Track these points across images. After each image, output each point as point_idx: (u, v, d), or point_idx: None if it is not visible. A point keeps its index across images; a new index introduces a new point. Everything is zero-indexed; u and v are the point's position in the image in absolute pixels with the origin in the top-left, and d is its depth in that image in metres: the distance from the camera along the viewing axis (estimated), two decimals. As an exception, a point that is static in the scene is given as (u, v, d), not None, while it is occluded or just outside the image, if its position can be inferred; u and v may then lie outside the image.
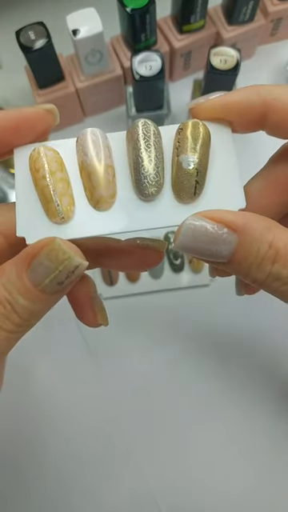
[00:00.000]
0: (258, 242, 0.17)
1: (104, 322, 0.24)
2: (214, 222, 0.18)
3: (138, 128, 0.20)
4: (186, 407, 0.44)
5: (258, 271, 0.18)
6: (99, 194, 0.20)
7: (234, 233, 0.17)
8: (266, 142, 0.23)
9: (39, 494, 0.42)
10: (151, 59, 0.42)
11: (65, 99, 0.48)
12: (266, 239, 0.17)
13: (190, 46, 0.50)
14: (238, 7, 0.46)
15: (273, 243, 0.17)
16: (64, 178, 0.20)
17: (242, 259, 0.18)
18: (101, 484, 0.42)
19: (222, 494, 0.41)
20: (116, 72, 0.48)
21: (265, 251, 0.17)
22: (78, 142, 0.20)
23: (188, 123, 0.20)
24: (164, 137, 0.20)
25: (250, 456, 0.42)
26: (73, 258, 0.17)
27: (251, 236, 0.17)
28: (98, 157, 0.20)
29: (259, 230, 0.17)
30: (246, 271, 0.18)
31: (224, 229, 0.18)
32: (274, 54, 0.56)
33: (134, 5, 0.42)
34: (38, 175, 0.19)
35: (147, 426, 0.43)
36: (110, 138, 0.21)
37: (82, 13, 0.42)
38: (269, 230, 0.17)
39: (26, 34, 0.41)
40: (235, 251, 0.18)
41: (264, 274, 0.18)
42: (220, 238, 0.18)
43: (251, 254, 0.17)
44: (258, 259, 0.17)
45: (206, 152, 0.20)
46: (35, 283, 0.17)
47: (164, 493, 0.41)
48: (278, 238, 0.17)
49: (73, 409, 0.44)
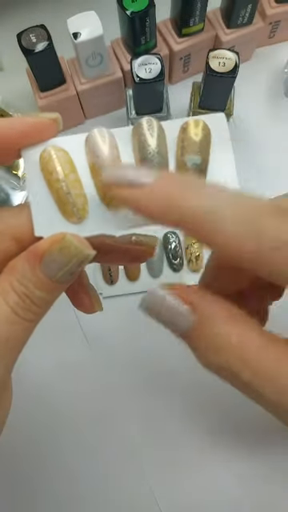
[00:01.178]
0: (214, 329, 0.18)
1: (99, 308, 0.25)
2: (176, 297, 0.19)
3: (143, 126, 0.21)
4: (186, 406, 0.44)
5: (207, 357, 0.18)
6: (111, 194, 0.20)
7: (192, 313, 0.18)
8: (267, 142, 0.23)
9: (37, 493, 0.42)
10: (151, 62, 0.42)
11: (66, 102, 0.49)
12: (222, 329, 0.18)
13: (189, 48, 0.50)
14: (236, 10, 0.47)
15: (228, 335, 0.18)
16: (77, 179, 0.21)
17: (195, 339, 0.19)
18: (100, 484, 0.42)
19: (221, 494, 0.41)
20: (116, 75, 0.49)
21: (218, 341, 0.18)
22: (88, 143, 0.21)
23: (190, 123, 0.21)
24: (167, 132, 0.21)
25: (250, 456, 0.42)
26: (83, 251, 0.19)
27: (208, 321, 0.18)
28: (108, 158, 0.20)
29: (218, 318, 0.18)
30: (197, 352, 0.19)
31: (184, 306, 0.19)
32: (272, 56, 0.56)
33: (134, 8, 0.42)
34: (51, 178, 0.20)
35: (147, 425, 0.43)
36: (115, 134, 0.21)
37: (82, 16, 0.43)
38: (228, 320, 0.18)
39: (27, 37, 0.42)
40: (191, 329, 0.19)
41: (213, 362, 0.18)
42: (178, 313, 0.19)
43: (204, 339, 0.18)
44: (209, 346, 0.18)
45: (207, 150, 0.21)
46: (49, 276, 0.19)
47: (164, 493, 0.42)
48: (236, 332, 0.18)
49: (72, 408, 0.44)
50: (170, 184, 0.18)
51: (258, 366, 0.17)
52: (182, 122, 0.21)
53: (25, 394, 0.44)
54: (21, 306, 0.19)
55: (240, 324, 0.18)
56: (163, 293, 0.19)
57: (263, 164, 0.51)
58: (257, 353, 0.17)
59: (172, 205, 0.17)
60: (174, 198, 0.17)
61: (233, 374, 0.18)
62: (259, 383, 0.17)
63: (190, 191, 0.17)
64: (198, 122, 0.21)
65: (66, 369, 0.45)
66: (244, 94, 0.53)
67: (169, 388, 0.45)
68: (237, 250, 0.17)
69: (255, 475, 0.42)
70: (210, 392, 0.44)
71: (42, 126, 0.20)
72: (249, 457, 0.42)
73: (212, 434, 0.43)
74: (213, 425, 0.43)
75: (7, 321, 0.19)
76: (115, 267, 0.47)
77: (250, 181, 0.25)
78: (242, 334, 0.18)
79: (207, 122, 0.21)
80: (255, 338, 0.18)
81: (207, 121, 0.21)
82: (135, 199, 0.18)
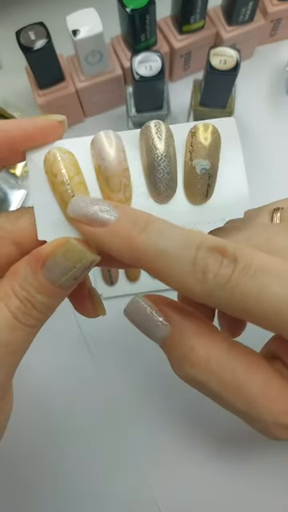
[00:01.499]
0: (184, 341, 0.19)
1: (102, 313, 0.25)
2: (154, 308, 0.20)
3: (151, 129, 0.20)
4: (186, 406, 0.44)
5: (180, 367, 0.19)
6: (117, 197, 0.20)
7: (167, 323, 0.20)
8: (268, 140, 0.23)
9: (38, 494, 0.42)
10: (151, 59, 0.42)
11: (65, 99, 0.48)
12: (190, 342, 0.19)
13: (189, 46, 0.50)
14: (237, 8, 0.46)
15: (195, 348, 0.19)
16: (82, 182, 0.20)
17: (169, 350, 0.20)
18: (100, 483, 0.42)
19: (222, 494, 0.41)
20: (116, 72, 0.48)
21: (186, 353, 0.19)
22: (94, 145, 0.21)
23: (200, 127, 0.21)
24: (175, 136, 0.21)
25: (250, 456, 0.42)
26: (89, 255, 0.18)
27: (180, 334, 0.19)
28: (114, 161, 0.20)
29: (189, 331, 0.19)
30: (171, 362, 0.20)
31: (160, 317, 0.20)
32: (273, 54, 0.56)
33: (134, 5, 0.42)
34: (56, 180, 0.20)
35: (147, 425, 0.43)
36: (122, 137, 0.21)
37: (82, 13, 0.42)
38: (198, 334, 0.19)
39: (26, 35, 0.41)
40: (166, 340, 0.20)
41: (184, 372, 0.19)
42: (155, 323, 0.20)
43: (177, 350, 0.19)
44: (181, 357, 0.19)
45: (216, 155, 0.21)
46: (52, 281, 0.18)
47: (164, 493, 0.41)
48: (202, 345, 0.19)
49: (72, 408, 0.44)
50: (129, 224, 0.18)
51: (226, 379, 0.18)
52: (191, 126, 0.21)
53: (25, 397, 0.44)
54: (22, 310, 0.19)
55: (209, 336, 0.19)
56: (142, 303, 0.20)
57: (264, 162, 0.51)
58: (225, 365, 0.18)
59: (128, 246, 0.18)
60: (130, 239, 0.18)
61: (203, 385, 0.19)
62: (228, 395, 0.18)
63: (144, 232, 0.18)
64: (208, 125, 0.21)
65: (66, 370, 0.45)
66: (245, 91, 0.52)
67: (170, 389, 0.44)
68: (185, 292, 0.18)
69: (255, 476, 0.42)
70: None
71: (48, 127, 0.20)
72: (249, 457, 0.42)
73: (212, 434, 0.43)
74: (213, 425, 0.43)
75: (8, 326, 0.18)
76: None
77: (251, 179, 0.24)
78: (211, 347, 0.19)
79: (217, 126, 0.21)
80: (223, 351, 0.19)
81: (217, 125, 0.21)
82: (95, 237, 0.19)
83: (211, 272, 0.17)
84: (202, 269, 0.17)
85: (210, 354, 0.18)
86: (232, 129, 0.21)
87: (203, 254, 0.17)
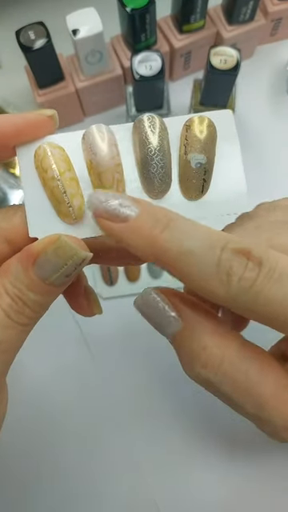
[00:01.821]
0: (196, 339, 0.18)
1: (98, 311, 0.25)
2: (166, 301, 0.19)
3: (144, 123, 0.20)
4: (186, 406, 0.44)
5: (190, 366, 0.19)
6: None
7: (179, 320, 0.19)
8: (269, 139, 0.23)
9: (36, 493, 0.42)
10: (151, 59, 0.42)
11: (65, 99, 0.48)
12: (202, 340, 0.18)
13: (190, 45, 0.50)
14: (237, 7, 0.46)
15: (208, 347, 0.18)
16: (73, 178, 0.20)
17: (179, 346, 0.19)
18: (99, 483, 0.42)
19: (221, 494, 0.41)
20: (116, 72, 0.48)
21: (198, 352, 0.18)
22: (85, 139, 0.20)
23: (195, 120, 0.20)
24: (170, 130, 0.20)
25: (250, 456, 0.42)
26: (80, 252, 0.18)
27: (192, 331, 0.19)
28: (106, 156, 0.20)
29: (201, 328, 0.18)
30: (181, 359, 0.19)
31: (172, 312, 0.19)
32: (273, 53, 0.55)
33: (134, 5, 0.42)
34: (46, 176, 0.19)
35: (147, 425, 0.43)
36: (115, 131, 0.20)
37: (81, 12, 0.42)
38: (210, 333, 0.18)
39: (25, 34, 0.41)
40: (176, 335, 0.19)
41: (194, 372, 0.19)
42: (166, 317, 0.19)
43: (187, 347, 0.19)
44: (191, 355, 0.18)
45: (212, 149, 0.20)
46: (43, 278, 0.18)
47: (163, 493, 0.41)
48: (215, 345, 0.18)
49: (71, 408, 0.44)
50: (151, 221, 0.18)
51: (240, 380, 0.18)
52: (186, 119, 0.20)
53: (25, 397, 0.44)
54: (14, 308, 0.18)
55: (222, 336, 0.18)
56: (154, 295, 0.19)
57: (265, 161, 0.51)
58: (239, 367, 0.18)
59: (150, 244, 0.18)
60: (152, 237, 0.17)
61: (215, 387, 0.18)
62: (239, 397, 0.18)
63: (167, 230, 0.17)
64: (203, 118, 0.20)
65: (66, 370, 0.45)
66: (246, 91, 0.52)
67: (169, 389, 0.44)
68: (208, 295, 0.17)
69: (255, 476, 0.41)
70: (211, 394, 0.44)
71: (38, 122, 0.20)
72: (249, 457, 0.42)
73: (212, 434, 0.43)
74: (212, 425, 0.43)
75: (0, 324, 0.18)
76: (115, 268, 0.47)
77: (251, 178, 0.24)
78: (224, 347, 0.18)
79: (213, 119, 0.20)
80: (236, 351, 0.18)
81: (213, 118, 0.20)
82: (115, 232, 0.18)
83: (236, 275, 0.17)
84: (226, 271, 0.17)
85: (223, 354, 0.18)
86: (229, 121, 0.21)
87: (228, 255, 0.17)
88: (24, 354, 0.28)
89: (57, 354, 0.45)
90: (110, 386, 0.44)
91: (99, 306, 0.25)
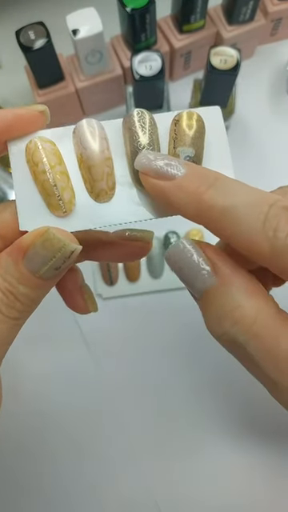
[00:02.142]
0: (231, 296, 0.18)
1: (94, 309, 0.25)
2: (202, 255, 0.18)
3: (133, 118, 0.20)
4: (186, 406, 0.44)
5: (218, 323, 0.18)
6: (100, 187, 0.20)
7: (213, 275, 0.18)
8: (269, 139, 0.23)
9: (37, 493, 0.42)
10: (151, 59, 0.42)
11: (65, 99, 0.48)
12: (239, 298, 0.17)
13: (190, 45, 0.50)
14: (238, 7, 0.46)
15: (243, 306, 0.17)
16: (63, 171, 0.20)
17: (210, 303, 0.18)
18: (100, 483, 0.42)
19: (221, 494, 0.41)
20: (116, 72, 0.48)
21: (232, 309, 0.17)
22: (76, 133, 0.20)
23: (183, 114, 0.21)
24: (159, 125, 0.21)
25: (250, 456, 0.42)
26: (68, 245, 0.18)
27: (227, 287, 0.18)
28: (96, 150, 0.20)
29: (237, 286, 0.18)
30: (209, 316, 0.18)
31: (207, 266, 0.18)
32: (273, 53, 0.55)
33: (134, 5, 0.42)
34: (37, 169, 0.20)
35: (147, 425, 0.43)
36: (106, 126, 0.21)
37: (81, 12, 0.42)
38: (247, 292, 0.18)
39: (25, 34, 0.41)
40: (208, 291, 0.18)
41: (222, 330, 0.18)
42: (200, 270, 0.18)
43: (219, 303, 0.18)
44: (223, 312, 0.18)
45: (201, 144, 0.20)
46: (33, 271, 0.18)
47: (163, 492, 0.41)
48: (251, 305, 0.17)
49: (72, 408, 0.44)
50: (197, 179, 0.18)
51: (268, 344, 0.17)
52: (175, 114, 0.21)
53: (25, 397, 0.44)
54: (5, 302, 0.18)
55: (258, 297, 0.18)
56: (189, 247, 0.18)
57: (265, 161, 0.51)
58: (271, 331, 0.17)
59: (195, 201, 0.17)
60: (198, 194, 0.17)
61: (238, 346, 0.18)
62: (264, 361, 0.17)
63: (213, 188, 0.17)
64: (192, 113, 0.20)
65: (66, 370, 0.45)
66: (246, 91, 0.52)
67: (170, 389, 0.44)
68: (251, 251, 0.17)
69: (255, 477, 0.41)
70: (211, 392, 0.44)
71: (29, 117, 0.20)
72: (249, 456, 0.42)
73: (212, 434, 0.43)
74: (213, 426, 0.43)
75: None
76: (115, 267, 0.47)
77: (252, 178, 0.24)
78: (260, 308, 0.17)
79: (202, 114, 0.21)
80: (271, 316, 0.17)
81: (202, 114, 0.21)
82: (162, 190, 0.18)
83: (283, 231, 0.16)
84: (273, 227, 0.16)
85: (257, 315, 0.17)
86: (217, 117, 0.21)
87: (276, 211, 0.16)
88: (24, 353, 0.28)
89: (57, 353, 0.45)
90: (109, 385, 0.44)
91: (95, 303, 0.25)
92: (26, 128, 0.20)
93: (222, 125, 0.21)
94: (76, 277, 0.24)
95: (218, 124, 0.21)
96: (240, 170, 0.22)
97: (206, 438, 0.43)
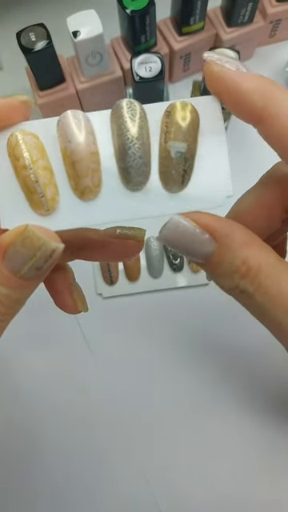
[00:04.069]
0: (233, 254, 0.18)
1: (83, 309, 0.24)
2: (197, 226, 0.18)
3: (122, 109, 0.19)
4: (185, 406, 0.44)
5: (227, 280, 0.18)
6: (84, 183, 0.19)
7: (213, 240, 0.18)
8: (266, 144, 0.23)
9: (37, 493, 0.42)
10: (151, 61, 0.42)
11: (65, 100, 0.48)
12: (241, 254, 0.18)
13: (189, 47, 0.50)
14: (237, 9, 0.47)
15: (246, 260, 0.18)
16: (47, 167, 0.19)
17: (216, 265, 0.18)
18: (100, 483, 0.42)
19: (221, 494, 0.41)
20: (116, 73, 0.48)
21: (237, 265, 0.18)
22: (60, 126, 0.19)
23: (176, 105, 0.19)
24: (150, 117, 0.19)
25: (250, 456, 0.42)
26: (49, 243, 0.17)
27: (228, 247, 0.18)
28: (82, 144, 0.18)
29: (237, 243, 0.18)
30: (217, 276, 0.19)
31: (206, 235, 0.18)
32: (272, 55, 0.56)
33: (134, 6, 0.42)
34: (18, 164, 0.18)
35: (147, 425, 0.43)
36: (92, 118, 0.19)
37: (82, 14, 0.43)
38: (247, 246, 0.18)
39: (26, 36, 0.41)
40: (211, 256, 0.18)
41: (232, 285, 0.18)
42: (199, 241, 0.18)
43: (224, 263, 0.18)
44: (229, 270, 0.18)
45: (194, 138, 0.19)
46: (14, 271, 0.17)
47: (164, 493, 0.41)
48: (253, 256, 0.18)
49: (72, 408, 0.44)
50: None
51: (273, 290, 0.18)
52: (168, 105, 0.19)
53: (25, 397, 0.44)
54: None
55: (257, 248, 0.18)
56: (185, 222, 0.18)
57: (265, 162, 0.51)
58: (274, 276, 0.18)
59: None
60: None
61: (248, 296, 0.18)
62: (272, 306, 0.18)
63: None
64: (186, 104, 0.19)
65: (66, 370, 0.45)
66: (245, 92, 0.52)
67: (170, 389, 0.45)
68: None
69: (256, 475, 0.42)
70: (211, 392, 0.44)
71: (10, 108, 0.19)
72: (249, 456, 0.42)
73: (213, 434, 0.43)
74: (214, 425, 0.43)
75: None
76: (115, 267, 0.47)
77: (252, 178, 0.24)
78: (261, 259, 0.18)
79: (197, 106, 0.19)
80: (272, 262, 0.18)
81: (197, 105, 0.19)
82: (232, 75, 0.19)
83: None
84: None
85: (259, 265, 0.18)
86: (214, 109, 0.19)
87: None
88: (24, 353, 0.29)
89: (57, 353, 0.46)
90: (110, 385, 0.44)
91: (85, 303, 0.24)
92: (7, 120, 0.19)
93: (220, 118, 0.20)
94: (66, 276, 0.23)
95: (215, 116, 0.20)
96: (240, 170, 0.22)
97: (206, 438, 0.43)
